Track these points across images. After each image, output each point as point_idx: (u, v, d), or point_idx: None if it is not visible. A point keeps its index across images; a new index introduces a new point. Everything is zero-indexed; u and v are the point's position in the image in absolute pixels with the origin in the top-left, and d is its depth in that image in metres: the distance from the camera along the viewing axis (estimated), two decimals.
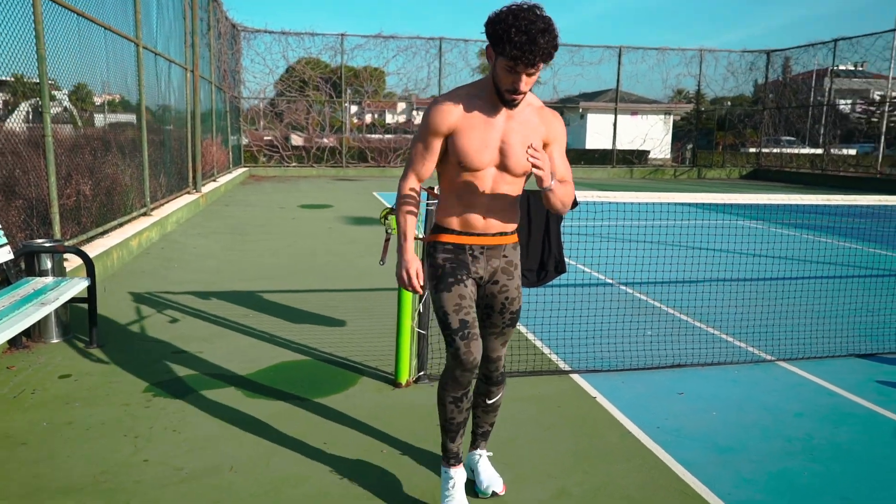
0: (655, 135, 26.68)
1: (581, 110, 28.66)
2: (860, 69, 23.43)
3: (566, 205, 2.31)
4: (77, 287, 4.21)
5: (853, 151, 23.80)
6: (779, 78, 25.05)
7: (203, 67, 13.51)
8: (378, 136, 23.67)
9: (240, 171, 19.05)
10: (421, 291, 2.36)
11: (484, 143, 2.25)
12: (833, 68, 22.15)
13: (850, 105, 25.63)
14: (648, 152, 25.75)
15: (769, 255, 8.17)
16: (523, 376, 3.96)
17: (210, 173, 14.34)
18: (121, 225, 7.60)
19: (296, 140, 22.86)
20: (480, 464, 2.71)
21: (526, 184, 2.45)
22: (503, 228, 2.39)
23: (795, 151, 24.05)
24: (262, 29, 21.23)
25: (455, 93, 2.29)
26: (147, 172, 8.65)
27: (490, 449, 2.95)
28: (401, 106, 31.70)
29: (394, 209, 2.59)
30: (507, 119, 2.27)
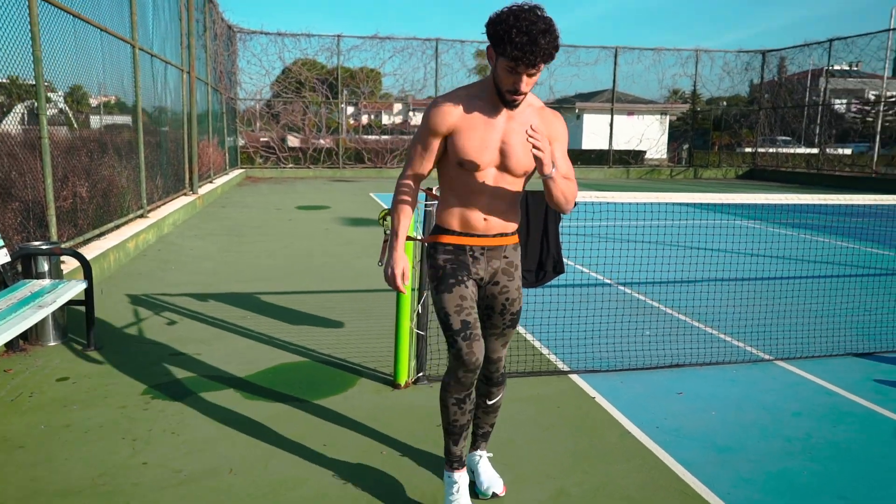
0: (652, 135, 26.74)
1: (577, 111, 28.70)
2: (855, 69, 23.50)
3: (568, 200, 2.28)
4: (74, 289, 4.20)
5: (848, 151, 23.87)
6: (774, 78, 25.12)
7: (199, 69, 13.48)
8: (375, 137, 23.65)
9: (236, 173, 19.02)
10: (405, 291, 2.40)
11: (484, 144, 2.25)
12: (828, 68, 22.22)
13: (846, 105, 25.72)
14: (645, 152, 25.80)
15: (766, 255, 8.18)
16: (522, 377, 3.96)
17: (206, 175, 14.32)
18: (117, 227, 7.59)
19: (292, 141, 22.84)
20: (481, 465, 2.71)
21: (526, 185, 2.45)
22: (504, 229, 2.38)
23: (791, 151, 24.13)
24: (258, 30, 21.23)
25: (455, 93, 2.29)
26: (143, 174, 8.64)
27: (489, 449, 2.95)
28: (397, 107, 31.66)
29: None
30: (508, 120, 2.27)
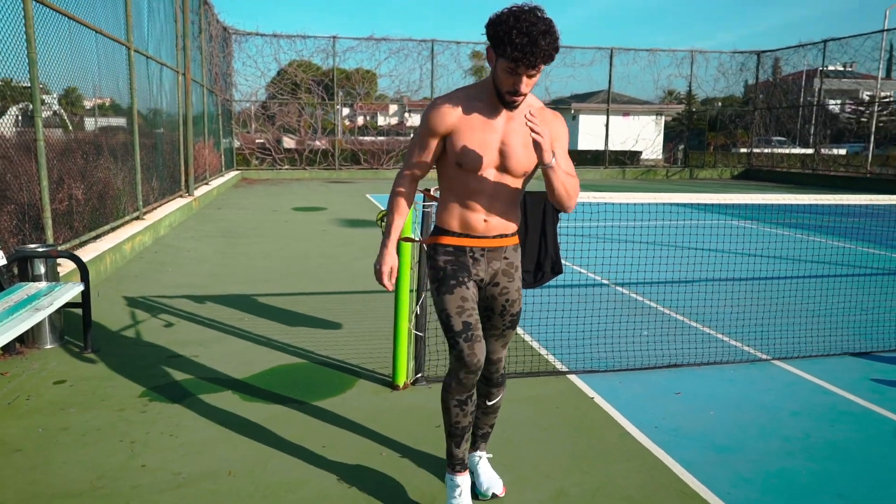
0: (647, 135, 26.76)
1: (573, 111, 28.74)
2: (849, 70, 23.59)
3: (570, 194, 2.26)
4: (71, 292, 4.18)
5: (843, 151, 23.96)
6: (769, 78, 25.20)
7: (195, 70, 13.45)
8: (370, 139, 23.63)
9: (232, 175, 18.98)
10: (391, 288, 2.43)
11: (483, 145, 2.24)
12: (823, 69, 22.30)
13: (840, 105, 25.81)
14: (640, 153, 25.83)
15: (762, 255, 8.21)
16: (521, 377, 3.96)
17: (202, 176, 14.29)
18: (113, 229, 7.56)
19: (288, 143, 22.80)
20: (480, 465, 2.71)
21: (526, 186, 2.44)
22: (504, 230, 2.38)
23: (786, 151, 24.20)
24: (254, 32, 21.16)
25: (455, 94, 2.28)
26: (139, 176, 8.61)
27: (489, 450, 2.95)
28: (393, 108, 31.64)
29: None
30: (508, 120, 2.27)
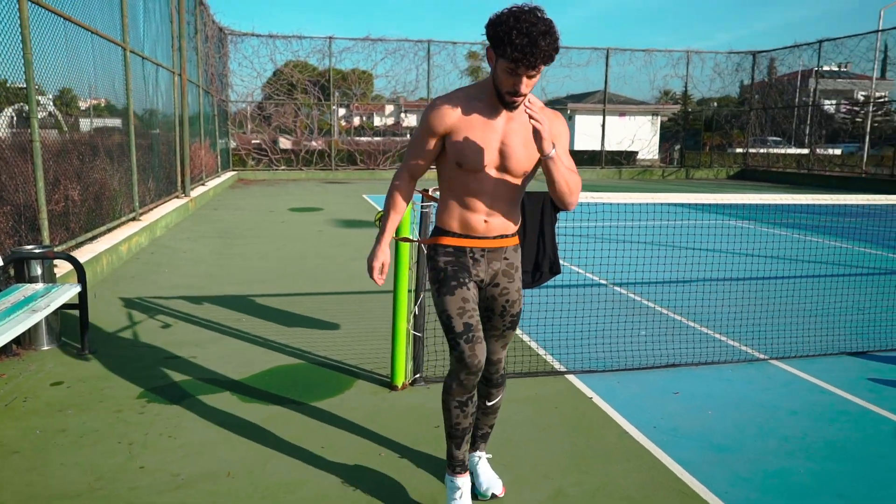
0: (643, 136, 26.82)
1: (569, 112, 28.75)
2: (844, 70, 23.68)
3: (571, 189, 2.26)
4: (68, 293, 4.17)
5: (838, 151, 24.04)
6: (765, 79, 25.27)
7: (191, 71, 13.43)
8: (367, 139, 23.61)
9: (228, 175, 18.95)
10: (380, 283, 2.46)
11: (483, 145, 2.24)
12: (818, 69, 22.38)
13: (835, 105, 25.91)
14: (637, 153, 25.88)
15: (759, 255, 8.22)
16: (519, 377, 3.96)
17: (199, 177, 14.26)
18: (110, 230, 7.54)
19: (284, 143, 22.77)
20: (480, 466, 2.71)
21: (526, 186, 2.44)
22: (504, 230, 2.38)
23: (782, 151, 24.27)
24: (250, 32, 21.14)
25: (454, 94, 2.28)
26: (136, 177, 8.59)
27: (488, 450, 2.94)
28: (389, 108, 31.62)
29: None
30: (508, 121, 2.27)
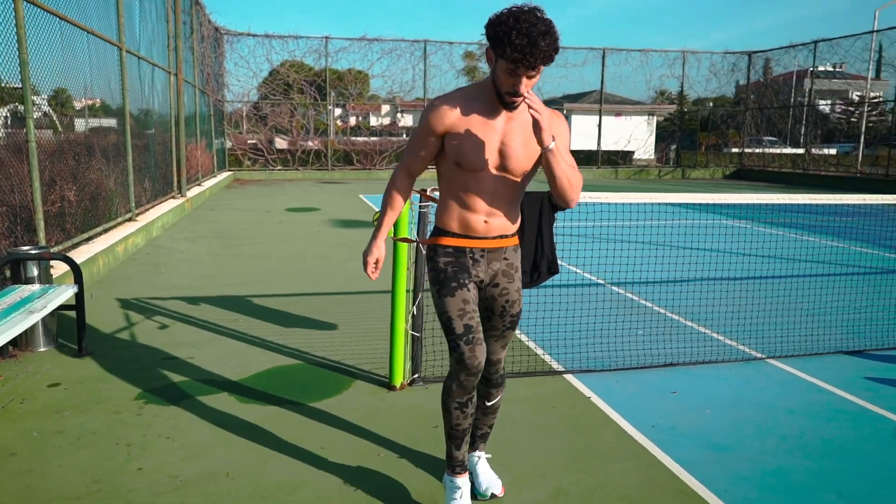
0: (639, 135, 26.87)
1: (565, 112, 28.77)
2: (839, 70, 23.75)
3: (573, 185, 2.24)
4: (64, 294, 4.16)
5: (833, 151, 24.12)
6: (760, 79, 25.34)
7: (186, 71, 13.40)
8: (363, 139, 23.59)
9: (224, 175, 18.92)
10: (374, 278, 2.47)
11: (483, 145, 2.24)
12: (813, 69, 22.44)
13: (830, 105, 25.99)
14: (633, 153, 25.93)
15: (755, 254, 8.25)
16: (518, 377, 3.96)
17: (195, 177, 14.23)
18: (106, 231, 7.52)
19: (280, 143, 22.74)
20: (479, 466, 2.71)
21: (526, 186, 2.44)
22: (504, 231, 2.38)
23: (777, 151, 24.35)
24: (246, 32, 21.10)
25: (454, 94, 2.28)
26: (132, 177, 8.57)
27: (487, 450, 2.94)
28: (385, 108, 31.60)
29: None
30: (508, 121, 2.26)
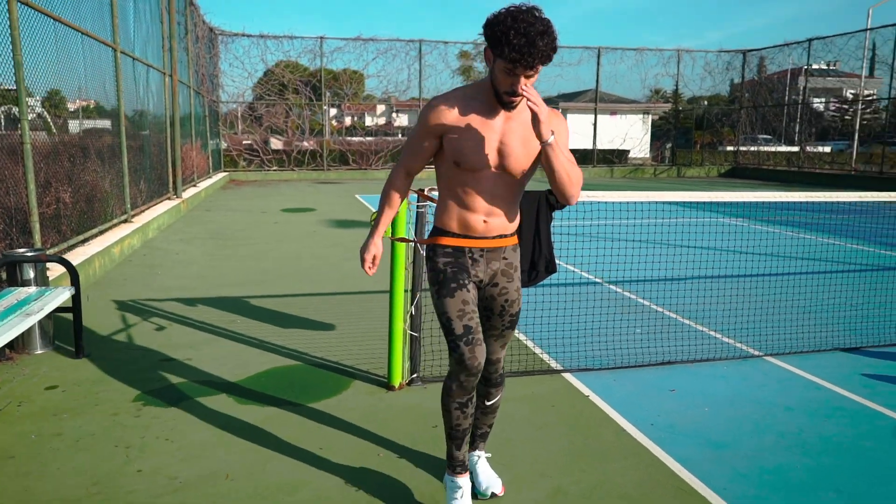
0: (635, 134, 26.90)
1: (560, 111, 28.79)
2: (833, 68, 23.84)
3: (573, 181, 2.24)
4: (61, 297, 4.14)
5: (828, 149, 24.20)
6: (755, 77, 25.41)
7: (181, 72, 13.36)
8: (359, 139, 23.56)
9: (220, 176, 18.88)
10: (371, 274, 2.49)
11: (482, 144, 2.24)
12: (807, 67, 22.51)
13: (824, 103, 26.08)
14: (628, 151, 25.97)
15: (752, 252, 8.27)
16: (516, 376, 3.97)
17: (190, 178, 14.20)
18: (101, 232, 7.49)
19: (275, 144, 22.70)
20: (479, 465, 2.71)
21: (525, 185, 2.44)
22: (503, 230, 2.38)
23: (772, 149, 24.41)
24: (240, 32, 21.05)
25: (452, 94, 2.28)
26: (127, 179, 8.54)
27: (486, 449, 2.94)
28: (380, 108, 31.57)
29: None
30: (506, 120, 2.26)
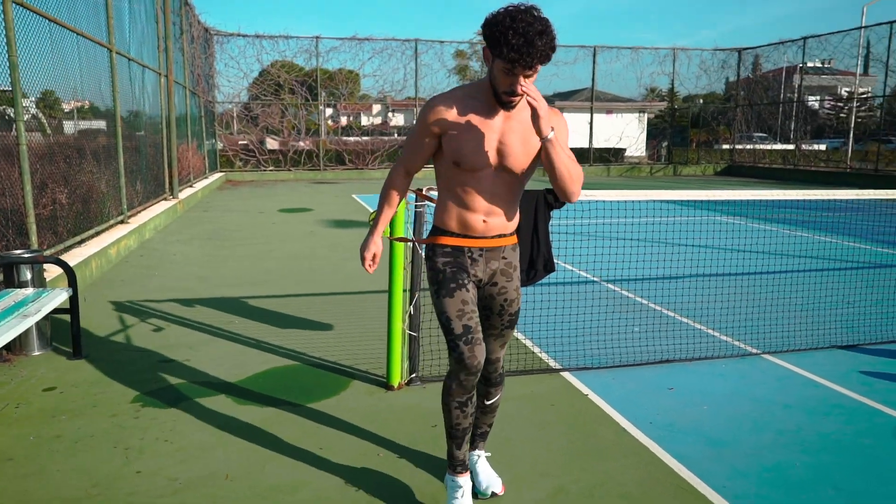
0: (631, 133, 26.96)
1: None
2: (828, 66, 23.90)
3: (573, 177, 2.23)
4: (58, 298, 4.13)
5: (823, 147, 24.27)
6: (750, 75, 25.46)
7: (177, 72, 13.34)
8: (355, 139, 23.54)
9: (216, 176, 18.84)
10: (371, 272, 2.51)
11: (481, 143, 2.24)
12: (802, 65, 22.57)
13: (819, 101, 26.15)
14: (624, 150, 26.01)
15: (749, 250, 8.29)
16: (515, 375, 3.97)
17: (186, 179, 14.17)
18: (98, 233, 7.47)
19: (271, 144, 22.66)
20: (479, 464, 2.71)
21: (525, 185, 2.44)
22: (503, 230, 2.38)
23: (768, 147, 24.48)
24: (236, 32, 21.02)
25: (452, 93, 2.28)
26: (123, 179, 8.52)
27: (486, 448, 2.95)
28: (376, 108, 31.56)
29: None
30: (506, 119, 2.26)
